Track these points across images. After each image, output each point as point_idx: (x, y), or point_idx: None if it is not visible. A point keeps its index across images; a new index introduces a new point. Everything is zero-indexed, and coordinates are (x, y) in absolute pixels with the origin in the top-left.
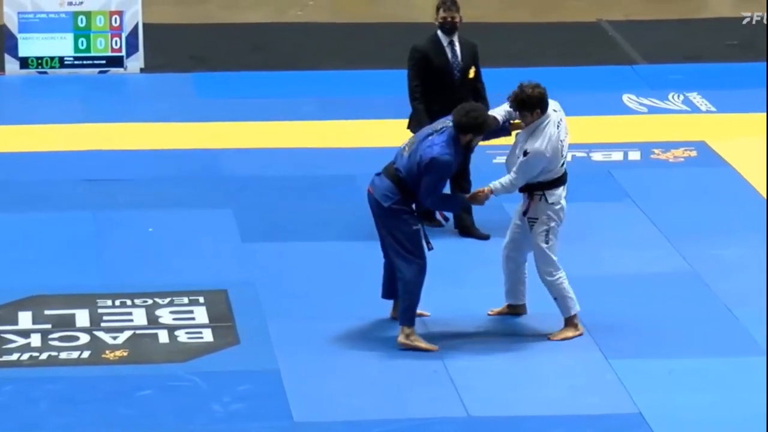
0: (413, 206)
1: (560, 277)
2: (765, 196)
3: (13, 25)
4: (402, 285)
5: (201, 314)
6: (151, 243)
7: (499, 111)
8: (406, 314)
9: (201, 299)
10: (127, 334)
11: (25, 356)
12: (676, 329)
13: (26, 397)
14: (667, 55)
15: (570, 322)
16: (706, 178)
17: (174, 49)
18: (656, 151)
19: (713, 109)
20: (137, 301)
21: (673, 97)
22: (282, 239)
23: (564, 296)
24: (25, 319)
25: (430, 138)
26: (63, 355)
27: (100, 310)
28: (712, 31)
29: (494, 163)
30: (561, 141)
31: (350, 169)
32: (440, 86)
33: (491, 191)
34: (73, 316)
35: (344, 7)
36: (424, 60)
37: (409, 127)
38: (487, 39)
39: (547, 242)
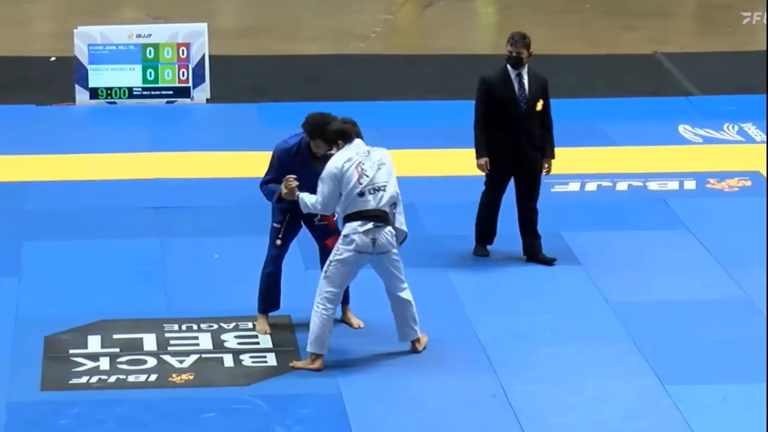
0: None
1: (323, 311)
2: None
3: (83, 57)
4: None
5: (265, 339)
6: (215, 269)
7: None
8: (258, 299)
9: None
10: (194, 357)
11: (94, 379)
12: (731, 355)
13: (92, 419)
14: (722, 87)
15: (312, 354)
16: (760, 207)
17: (237, 79)
18: (711, 180)
19: None
20: (203, 326)
21: (728, 127)
22: None
23: (318, 330)
24: (94, 342)
25: None
26: (131, 378)
27: (167, 335)
28: (765, 63)
29: (551, 192)
30: (363, 170)
31: (408, 198)
32: (505, 117)
33: (298, 196)
34: (140, 340)
35: (399, 40)
36: (489, 91)
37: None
38: (543, 71)
39: (326, 272)
